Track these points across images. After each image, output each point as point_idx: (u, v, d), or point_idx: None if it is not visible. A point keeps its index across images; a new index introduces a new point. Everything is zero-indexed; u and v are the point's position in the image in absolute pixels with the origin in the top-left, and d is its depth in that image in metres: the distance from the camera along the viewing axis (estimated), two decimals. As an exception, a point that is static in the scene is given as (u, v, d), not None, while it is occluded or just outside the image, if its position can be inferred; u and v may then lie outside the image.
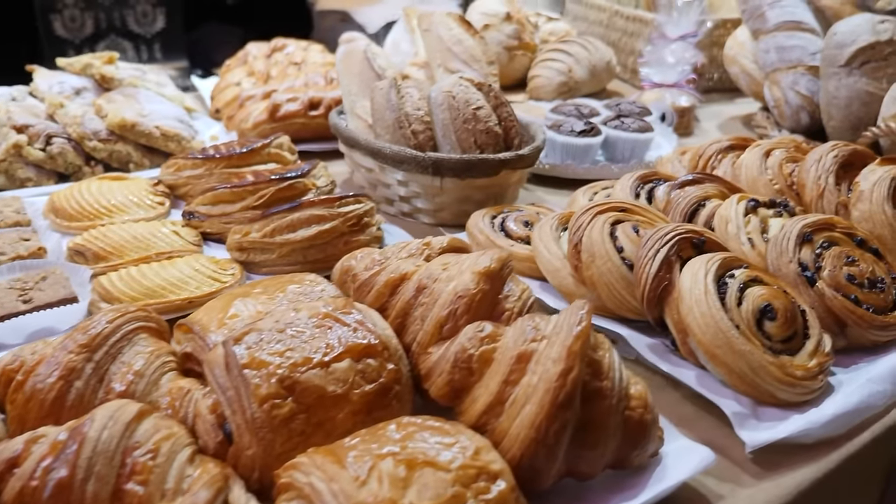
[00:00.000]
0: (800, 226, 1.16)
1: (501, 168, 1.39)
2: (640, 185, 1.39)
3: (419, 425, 0.77)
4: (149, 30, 4.78)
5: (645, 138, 1.71)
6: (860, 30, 1.71)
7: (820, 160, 1.35)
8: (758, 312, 1.00)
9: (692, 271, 1.02)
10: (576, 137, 1.67)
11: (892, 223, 1.24)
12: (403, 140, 1.44)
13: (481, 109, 1.42)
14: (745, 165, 1.42)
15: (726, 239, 1.20)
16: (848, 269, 1.13)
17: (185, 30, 4.95)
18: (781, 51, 1.86)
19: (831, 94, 1.74)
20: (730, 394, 0.97)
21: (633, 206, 1.20)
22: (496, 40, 2.13)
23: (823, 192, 1.32)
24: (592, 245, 1.12)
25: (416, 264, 0.99)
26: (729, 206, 1.24)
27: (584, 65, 2.12)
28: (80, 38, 4.58)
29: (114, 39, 4.69)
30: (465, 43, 1.59)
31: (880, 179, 1.28)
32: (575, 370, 0.77)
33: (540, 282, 1.22)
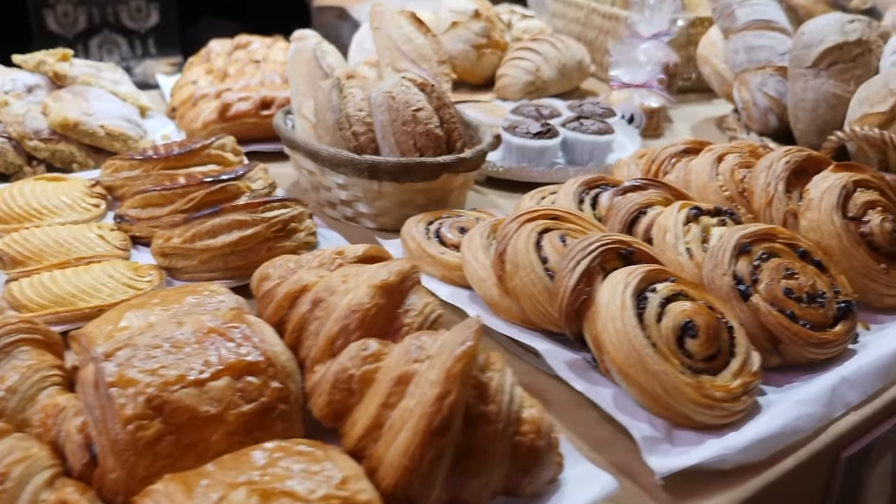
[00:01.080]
0: (737, 236, 1.10)
1: (441, 171, 1.35)
2: (585, 191, 1.34)
3: (287, 450, 0.73)
4: (143, 25, 4.75)
5: (604, 140, 1.66)
6: (828, 30, 1.65)
7: (771, 166, 1.30)
8: (678, 329, 0.94)
9: (611, 285, 0.97)
10: (531, 139, 1.62)
11: (841, 234, 1.18)
12: (343, 142, 1.40)
13: (421, 111, 1.37)
14: (696, 171, 1.37)
15: (663, 249, 1.15)
16: (786, 283, 1.07)
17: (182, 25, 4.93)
18: (750, 51, 1.80)
19: (798, 96, 1.68)
20: (644, 416, 0.92)
21: (565, 214, 1.15)
22: (464, 38, 2.08)
23: (772, 200, 1.26)
24: (517, 255, 1.07)
25: (320, 275, 0.95)
26: (669, 214, 1.18)
27: (553, 64, 2.06)
28: (73, 33, 4.57)
29: (107, 35, 4.68)
30: (415, 41, 1.54)
31: (831, 187, 1.23)
32: (453, 394, 0.72)
33: (470, 292, 1.17)
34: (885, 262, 1.20)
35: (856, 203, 1.23)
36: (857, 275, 1.18)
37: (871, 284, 1.18)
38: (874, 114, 1.51)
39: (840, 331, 1.07)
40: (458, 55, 2.09)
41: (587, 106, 1.81)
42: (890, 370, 1.07)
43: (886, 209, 1.23)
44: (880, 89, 1.52)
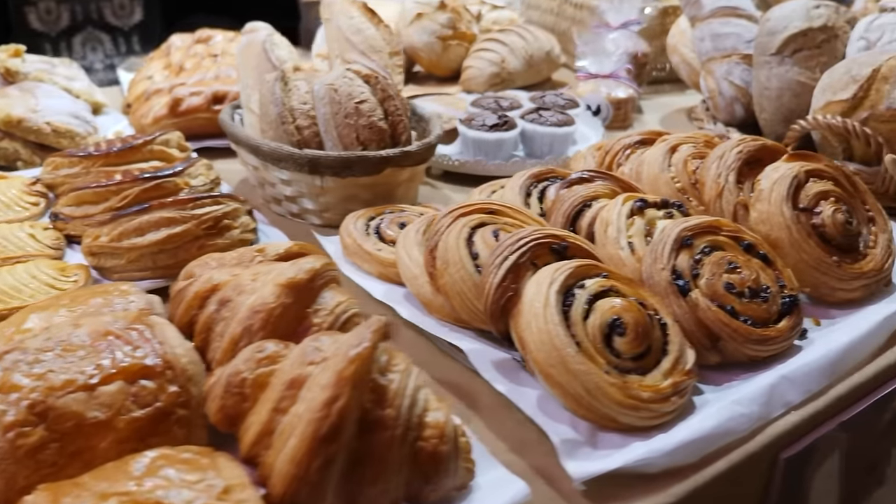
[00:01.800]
0: (678, 229, 1.06)
1: (385, 166, 1.31)
2: (533, 184, 1.30)
3: (171, 458, 0.69)
4: (126, 22, 4.72)
5: (563, 132, 1.62)
6: (793, 15, 1.61)
7: (722, 157, 1.25)
8: (606, 327, 0.90)
9: (537, 281, 0.93)
10: (486, 132, 1.58)
11: (791, 226, 1.14)
12: (286, 136, 1.36)
13: (365, 103, 1.33)
14: (647, 162, 1.33)
15: (605, 243, 1.11)
16: (728, 277, 1.03)
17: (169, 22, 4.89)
18: (716, 39, 1.75)
19: (762, 84, 1.64)
20: (568, 418, 0.88)
21: (503, 208, 1.11)
22: (429, 30, 2.04)
23: (723, 192, 1.22)
24: (447, 251, 1.04)
25: (233, 274, 0.91)
26: (612, 207, 1.14)
27: (520, 55, 2.02)
28: (55, 30, 4.53)
29: (91, 32, 4.64)
30: (366, 32, 1.50)
31: (781, 177, 1.19)
32: (343, 399, 0.68)
33: (406, 290, 1.13)
34: (838, 254, 1.16)
35: (807, 194, 1.18)
36: (807, 268, 1.14)
37: (823, 278, 1.14)
38: (837, 102, 1.47)
39: (784, 327, 1.03)
40: (423, 47, 2.05)
41: (549, 97, 1.77)
42: (836, 367, 1.03)
43: (840, 200, 1.19)
44: (842, 76, 1.47)
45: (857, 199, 1.23)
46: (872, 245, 1.20)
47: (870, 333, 1.08)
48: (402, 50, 2.07)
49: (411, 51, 2.07)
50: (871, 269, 1.16)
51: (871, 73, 1.44)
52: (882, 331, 1.11)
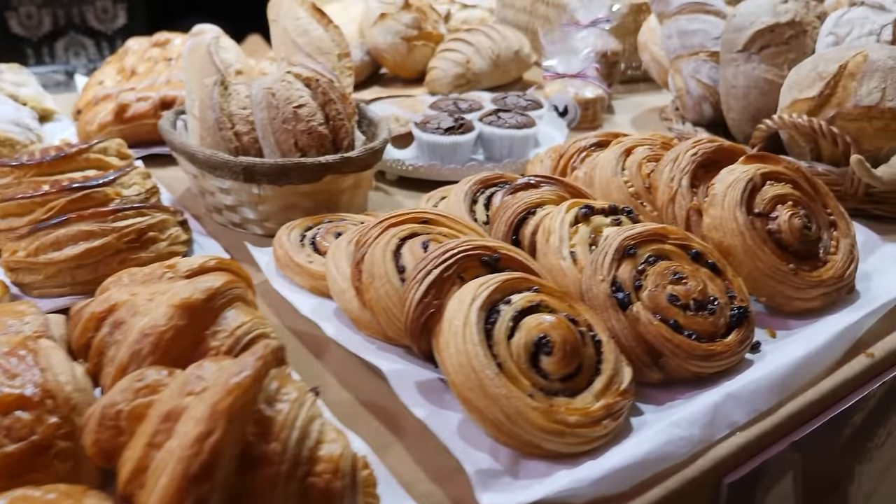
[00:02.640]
0: (621, 238, 1.00)
1: (324, 173, 1.25)
2: (480, 190, 1.24)
3: (30, 500, 0.63)
4: (110, 26, 4.67)
5: (523, 135, 1.56)
6: (760, 11, 1.54)
7: (676, 159, 1.19)
8: (531, 346, 0.84)
9: (459, 298, 0.87)
10: (441, 136, 1.52)
11: (744, 232, 1.08)
12: (224, 143, 1.30)
13: (303, 108, 1.27)
14: (600, 166, 1.27)
15: (546, 253, 1.05)
16: (672, 289, 0.97)
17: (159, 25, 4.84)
18: (683, 36, 1.69)
19: (729, 82, 1.57)
20: (489, 445, 0.82)
21: (438, 217, 1.05)
22: (393, 30, 1.98)
23: (675, 196, 1.16)
24: (373, 264, 0.98)
25: (133, 293, 0.86)
26: (556, 214, 1.08)
27: (486, 55, 1.96)
28: (37, 35, 4.48)
29: (73, 37, 4.59)
30: (312, 34, 1.44)
31: (736, 181, 1.12)
32: (216, 434, 0.62)
33: (339, 304, 1.07)
34: (795, 261, 1.10)
35: (763, 198, 1.12)
36: (762, 277, 1.08)
37: (779, 287, 1.08)
38: (803, 100, 1.41)
39: (732, 341, 0.97)
40: (387, 48, 1.99)
41: (511, 98, 1.71)
42: (788, 383, 0.96)
43: (798, 203, 1.13)
44: (809, 73, 1.41)
45: (817, 202, 1.17)
46: (833, 251, 1.14)
47: (827, 345, 1.02)
48: (368, 51, 2.02)
49: (375, 52, 2.01)
50: (831, 276, 1.10)
51: (838, 70, 1.37)
52: (841, 342, 1.04)
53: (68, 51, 4.58)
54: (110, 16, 4.67)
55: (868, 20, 1.45)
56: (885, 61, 1.35)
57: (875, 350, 1.06)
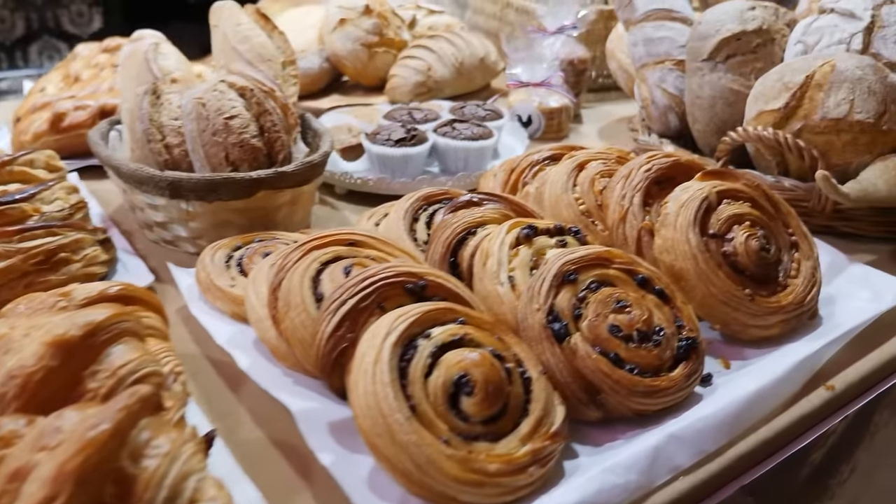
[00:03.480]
0: (560, 262, 0.93)
1: (257, 188, 1.17)
2: (423, 208, 1.17)
3: None
4: (85, 30, 4.58)
5: (479, 147, 1.49)
6: (726, 18, 1.47)
7: (629, 176, 1.12)
8: (450, 385, 0.77)
9: (373, 331, 0.80)
10: (391, 147, 1.44)
11: (697, 255, 1.01)
12: (152, 156, 1.22)
13: (235, 119, 1.20)
14: (550, 182, 1.19)
15: (482, 278, 0.97)
16: (614, 318, 0.90)
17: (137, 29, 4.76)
18: (649, 43, 1.62)
19: (695, 92, 1.50)
20: (399, 496, 0.74)
21: (367, 239, 0.98)
22: (353, 37, 1.91)
23: (626, 216, 1.08)
24: (290, 292, 0.90)
25: (13, 326, 0.78)
26: (495, 235, 1.01)
27: (449, 62, 1.89)
28: (10, 39, 4.39)
29: (47, 40, 4.51)
30: (254, 40, 1.37)
31: (689, 200, 1.05)
32: (60, 500, 0.55)
33: (262, 331, 1.00)
34: (752, 286, 1.02)
35: (719, 218, 1.05)
36: (716, 303, 1.00)
37: (734, 314, 1.01)
38: (769, 111, 1.34)
39: (678, 375, 0.89)
40: (347, 55, 1.92)
41: (469, 108, 1.64)
42: (739, 421, 0.89)
43: (757, 223, 1.06)
44: (774, 84, 1.34)
45: (778, 221, 1.10)
46: (794, 274, 1.06)
47: (784, 378, 0.95)
48: (327, 58, 1.95)
49: (335, 59, 1.94)
50: (790, 302, 1.03)
51: (804, 81, 1.30)
52: (800, 373, 0.97)
53: (42, 55, 4.50)
54: (86, 19, 4.59)
55: (838, 28, 1.38)
56: (853, 71, 1.28)
57: (836, 382, 0.98)
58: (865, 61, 1.29)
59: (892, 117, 1.27)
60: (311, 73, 1.92)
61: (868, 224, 1.33)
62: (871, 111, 1.27)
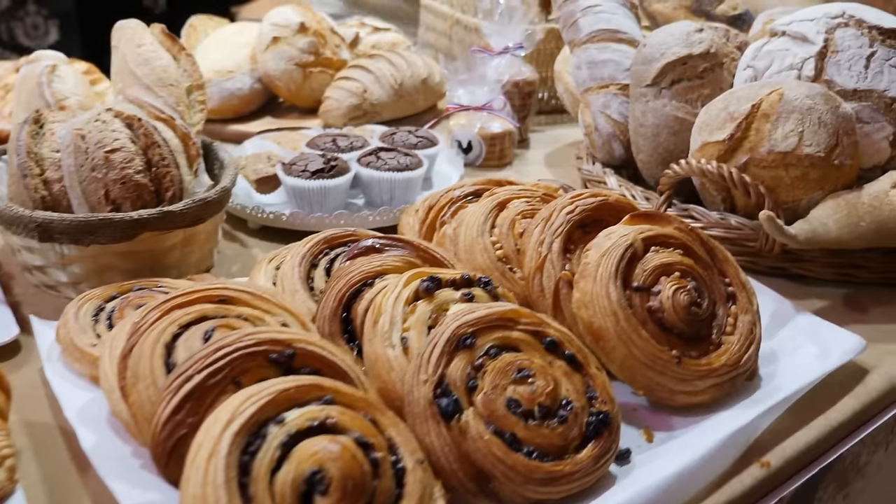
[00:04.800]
0: (456, 324, 0.81)
1: (139, 230, 1.05)
2: (324, 252, 1.05)
3: None
4: (40, 43, 4.44)
5: (405, 178, 1.37)
6: (671, 41, 1.37)
7: (549, 218, 1.01)
8: (301, 483, 0.65)
9: (216, 416, 0.68)
10: (307, 179, 1.33)
11: (617, 311, 0.89)
12: (26, 192, 1.10)
13: (118, 152, 1.08)
14: (466, 223, 1.08)
15: (371, 339, 0.86)
16: (514, 390, 0.78)
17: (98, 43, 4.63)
18: (593, 66, 1.51)
19: (638, 120, 1.40)
20: None
21: (241, 295, 0.86)
22: (287, 56, 1.79)
23: (544, 264, 0.97)
24: (139, 361, 0.78)
25: None
26: (390, 288, 0.89)
27: (387, 83, 1.77)
28: (-37, 52, 4.26)
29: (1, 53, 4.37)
30: (155, 63, 1.25)
31: (612, 247, 0.94)
32: None
33: (124, 398, 0.87)
34: (680, 345, 0.91)
35: (644, 268, 0.94)
36: (638, 366, 0.89)
37: (658, 378, 0.89)
38: (713, 143, 1.23)
39: (586, 457, 0.78)
40: (280, 76, 1.80)
41: (401, 134, 1.53)
42: (655, 510, 0.77)
43: (688, 274, 0.95)
44: (719, 113, 1.24)
45: (713, 270, 0.99)
46: (729, 330, 0.95)
47: (713, 454, 0.83)
48: (259, 78, 1.83)
49: (268, 79, 1.82)
50: (724, 363, 0.92)
51: (750, 110, 1.20)
52: (732, 448, 0.86)
53: (-3, 69, 4.35)
54: (41, 32, 4.45)
55: (789, 53, 1.28)
56: (803, 101, 1.17)
57: (772, 456, 0.87)
58: (816, 89, 1.19)
59: (844, 151, 1.17)
60: (242, 95, 1.80)
61: (820, 266, 1.22)
62: (821, 144, 1.16)
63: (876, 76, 1.23)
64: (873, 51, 1.24)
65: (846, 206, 1.14)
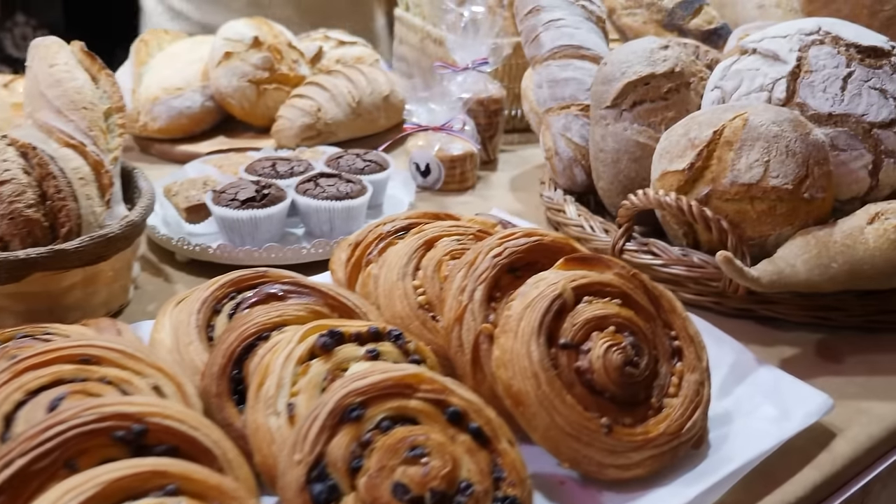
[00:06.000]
0: (342, 392, 0.71)
1: (28, 271, 0.96)
2: (231, 295, 0.95)
3: None
4: (30, 54, 4.37)
5: (343, 207, 1.27)
6: (634, 59, 1.26)
7: (475, 261, 0.90)
8: None
9: (25, 516, 0.57)
10: (236, 209, 1.22)
11: (539, 373, 0.79)
12: (-89, 228, 1.01)
13: (7, 185, 0.98)
14: (387, 265, 0.97)
15: (254, 406, 0.75)
16: (404, 472, 0.67)
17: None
18: (554, 85, 1.41)
19: (598, 144, 1.29)
20: None
21: (108, 353, 0.76)
22: (240, 72, 1.69)
23: (464, 315, 0.86)
24: (-29, 435, 0.68)
25: None
26: (282, 345, 0.79)
27: (343, 101, 1.67)
28: (-50, 63, 4.21)
29: (-11, 64, 4.32)
30: (68, 84, 1.15)
31: (539, 297, 0.83)
32: None
33: None
34: (613, 411, 0.80)
35: (574, 322, 0.83)
36: (562, 436, 0.78)
37: (585, 450, 0.78)
38: (673, 172, 1.12)
39: (485, 552, 0.67)
40: (232, 93, 1.70)
41: (347, 158, 1.43)
42: None
43: (625, 328, 0.84)
44: (679, 139, 1.13)
45: (657, 322, 0.88)
46: (673, 392, 0.84)
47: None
48: (211, 96, 1.74)
49: (220, 97, 1.73)
50: (664, 431, 0.81)
51: (712, 137, 1.09)
52: (670, 533, 0.75)
53: (-16, 80, 4.30)
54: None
55: (759, 72, 1.17)
56: (769, 127, 1.06)
57: (715, 544, 0.76)
58: (784, 115, 1.07)
59: (815, 183, 1.06)
60: (191, 113, 1.71)
61: (791, 308, 1.11)
62: (789, 175, 1.05)
63: (853, 99, 1.11)
64: (850, 71, 1.12)
65: (816, 244, 1.03)
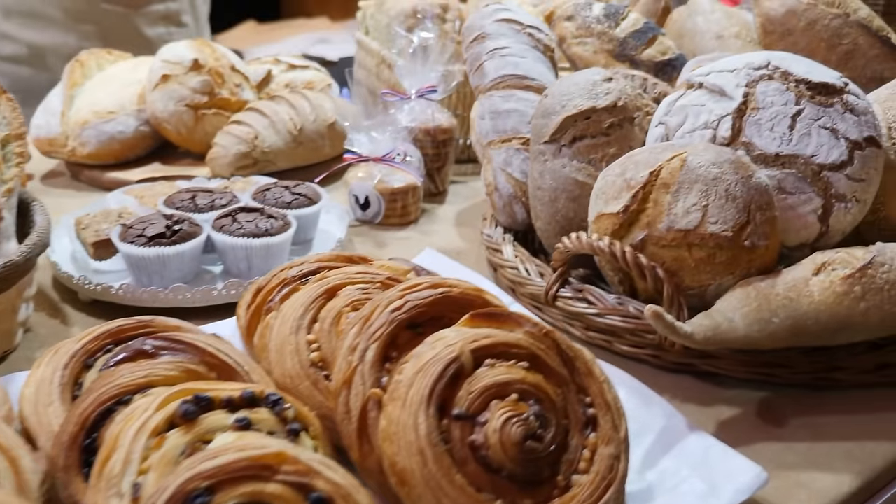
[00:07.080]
0: (187, 476, 0.61)
1: None
2: (107, 348, 0.86)
3: None
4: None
5: (261, 245, 1.18)
6: (574, 90, 1.18)
7: (373, 315, 0.81)
8: None
9: None
10: (142, 247, 1.14)
11: (425, 449, 0.70)
12: None
13: None
14: (282, 316, 0.89)
15: (97, 485, 0.66)
16: (248, 574, 0.58)
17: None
18: (496, 117, 1.33)
19: (536, 182, 1.21)
20: None
21: (-69, 424, 0.67)
22: (177, 96, 1.61)
23: (353, 378, 0.77)
24: None
25: None
26: (136, 413, 0.70)
27: (283, 129, 1.59)
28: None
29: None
30: (-41, 110, 1.07)
31: (433, 360, 0.74)
32: None
33: None
34: (511, 493, 0.71)
35: (471, 389, 0.74)
36: (451, 522, 0.69)
37: (476, 538, 0.69)
38: (608, 215, 1.04)
39: None
40: (169, 118, 1.62)
41: (275, 191, 1.34)
42: None
43: (530, 395, 0.75)
44: (615, 179, 1.05)
45: (570, 388, 0.79)
46: (583, 468, 0.75)
47: None
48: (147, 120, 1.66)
49: (155, 121, 1.65)
50: (569, 515, 0.71)
51: (649, 178, 1.01)
52: None
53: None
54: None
55: (705, 108, 1.09)
56: (709, 169, 0.98)
57: None
58: (725, 155, 0.99)
59: (757, 230, 0.97)
60: (124, 138, 1.63)
61: (733, 363, 1.02)
62: (728, 222, 0.97)
63: (802, 139, 1.03)
64: (800, 108, 1.04)
65: (757, 297, 0.95)
